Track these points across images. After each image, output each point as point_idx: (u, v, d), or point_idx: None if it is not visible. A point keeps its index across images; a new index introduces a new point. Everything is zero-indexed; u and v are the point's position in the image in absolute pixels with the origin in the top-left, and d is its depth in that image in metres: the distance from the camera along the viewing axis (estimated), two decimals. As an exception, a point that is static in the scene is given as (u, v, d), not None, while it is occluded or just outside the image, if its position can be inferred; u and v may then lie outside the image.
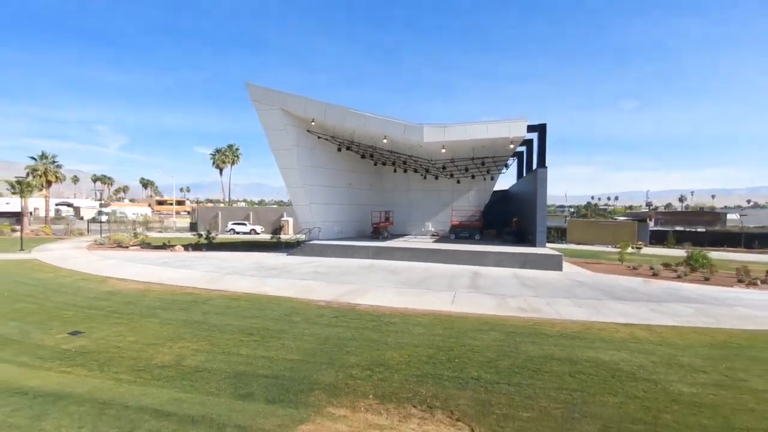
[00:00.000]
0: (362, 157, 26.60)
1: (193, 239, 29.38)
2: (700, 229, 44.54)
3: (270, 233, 37.37)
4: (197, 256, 21.21)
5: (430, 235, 28.62)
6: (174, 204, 73.67)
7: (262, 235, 39.15)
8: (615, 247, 22.81)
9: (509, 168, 28.58)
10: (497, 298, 11.80)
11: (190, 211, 61.89)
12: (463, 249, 19.89)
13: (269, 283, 13.77)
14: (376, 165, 28.21)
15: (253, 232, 40.68)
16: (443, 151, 21.80)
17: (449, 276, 15.65)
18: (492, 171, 27.78)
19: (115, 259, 19.55)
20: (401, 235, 28.81)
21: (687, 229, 43.86)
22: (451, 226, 27.60)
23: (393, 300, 11.34)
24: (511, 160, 26.80)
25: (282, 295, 11.80)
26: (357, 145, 24.14)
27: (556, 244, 32.50)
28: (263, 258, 20.89)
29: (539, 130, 20.82)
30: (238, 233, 40.42)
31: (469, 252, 19.38)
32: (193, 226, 44.65)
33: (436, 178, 29.07)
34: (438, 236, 28.11)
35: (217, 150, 66.23)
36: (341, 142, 23.37)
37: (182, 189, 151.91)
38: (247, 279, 14.45)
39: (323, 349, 7.12)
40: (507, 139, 19.73)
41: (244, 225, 41.70)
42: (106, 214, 57.47)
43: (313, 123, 21.17)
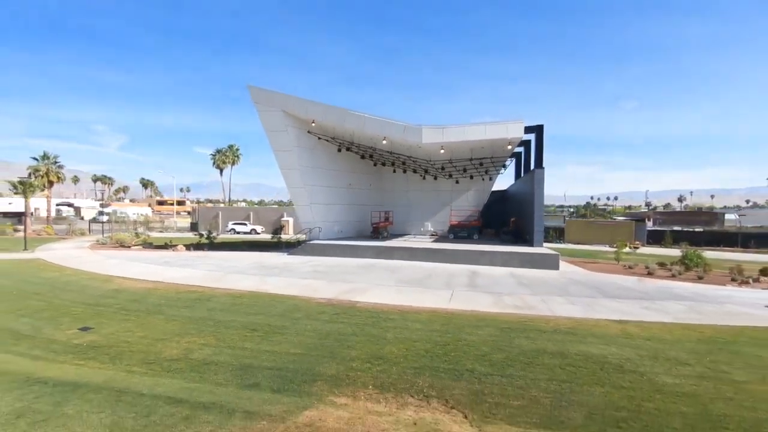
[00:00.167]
0: (362, 157, 26.90)
1: (194, 239, 29.64)
2: (697, 229, 44.86)
3: (270, 233, 37.65)
4: (199, 256, 21.50)
5: (429, 235, 28.90)
6: (174, 204, 73.92)
7: (262, 235, 39.43)
8: (612, 247, 23.10)
9: (507, 168, 28.88)
10: (494, 296, 12.09)
11: (191, 211, 62.14)
12: (461, 248, 20.18)
13: (271, 281, 14.06)
14: (375, 165, 28.52)
15: (253, 232, 40.96)
16: (442, 151, 22.09)
17: (447, 275, 15.95)
18: (490, 171, 28.08)
19: (118, 258, 19.85)
20: (401, 234, 29.09)
21: (684, 229, 44.19)
22: (449, 225, 27.89)
23: (392, 298, 11.63)
24: (509, 160, 27.08)
25: (284, 293, 12.10)
26: (357, 146, 24.44)
27: (555, 244, 32.78)
28: (264, 257, 21.19)
29: (536, 131, 21.09)
30: (239, 233, 40.70)
31: (467, 251, 19.67)
32: (194, 226, 44.94)
33: (435, 179, 29.36)
34: (437, 236, 28.38)
35: (218, 150, 66.56)
36: (341, 143, 23.66)
37: (182, 189, 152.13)
38: (250, 278, 14.75)
39: (324, 344, 7.42)
40: (505, 140, 20.03)
41: (245, 225, 41.99)
42: (106, 214, 57.74)
43: (314, 124, 21.47)
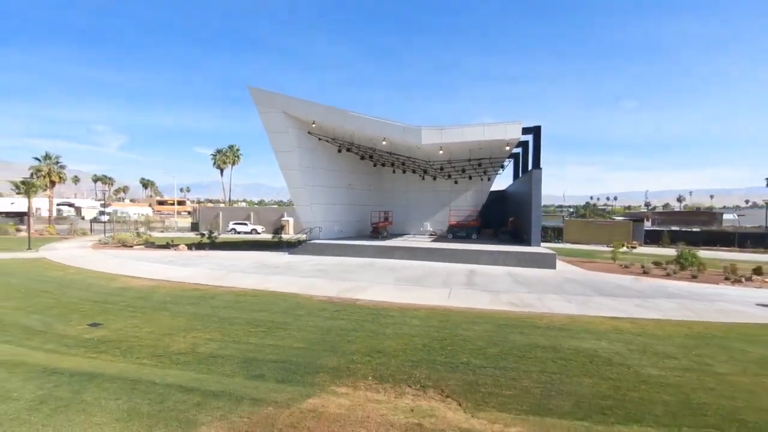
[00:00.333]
0: (362, 158, 27.18)
1: (195, 239, 29.91)
2: (695, 229, 45.14)
3: (271, 233, 37.97)
4: (201, 255, 21.78)
5: (428, 235, 29.19)
6: (175, 204, 74.18)
7: (263, 234, 39.71)
8: (610, 247, 23.41)
9: (505, 169, 29.17)
10: (491, 294, 12.37)
11: (191, 211, 62.42)
12: (459, 248, 20.46)
13: (273, 280, 14.35)
14: (375, 166, 28.81)
15: (254, 231, 41.24)
16: (441, 152, 22.36)
17: (446, 274, 16.23)
18: (489, 172, 28.37)
19: (121, 257, 20.11)
20: (400, 234, 29.37)
21: (682, 229, 44.50)
22: (448, 225, 28.18)
23: (392, 296, 11.92)
24: (507, 161, 27.36)
25: (285, 291, 12.38)
26: (357, 147, 24.71)
27: (553, 244, 33.08)
28: (266, 257, 21.46)
29: (534, 132, 21.38)
30: (240, 233, 40.97)
31: (465, 251, 19.95)
32: (195, 226, 45.23)
33: (434, 179, 29.65)
34: (436, 236, 28.66)
35: (218, 150, 66.79)
36: (341, 144, 23.93)
37: (182, 189, 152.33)
38: (252, 276, 15.03)
39: (326, 339, 7.70)
40: (503, 141, 20.28)
41: (245, 225, 42.26)
42: (107, 214, 58.03)
43: (314, 125, 21.73)
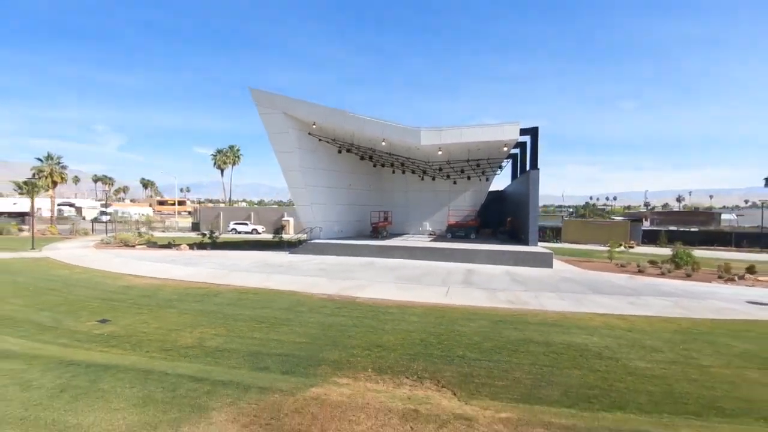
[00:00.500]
0: (362, 158, 27.48)
1: (196, 239, 30.20)
2: (693, 229, 45.51)
3: (271, 233, 38.28)
4: (203, 255, 22.08)
5: (427, 235, 29.50)
6: (176, 204, 74.48)
7: (263, 234, 40.01)
8: (608, 247, 23.71)
9: (504, 169, 29.48)
10: (488, 292, 12.67)
11: (192, 211, 62.71)
12: (458, 247, 20.76)
13: (274, 278, 14.64)
14: (375, 166, 29.12)
15: (254, 231, 41.54)
16: (440, 153, 22.66)
17: (445, 273, 16.53)
18: (487, 172, 28.68)
19: (124, 257, 20.40)
20: (400, 234, 29.68)
21: (680, 229, 44.85)
22: (447, 225, 28.48)
23: (391, 294, 12.21)
24: (505, 161, 27.67)
25: (287, 289, 12.67)
26: (357, 148, 25.01)
27: (552, 244, 33.39)
28: (267, 256, 21.76)
29: (531, 133, 21.69)
30: (240, 233, 41.27)
31: (464, 250, 20.25)
32: (195, 226, 45.53)
33: (434, 179, 29.96)
34: (435, 235, 28.97)
35: (219, 151, 67.07)
36: (341, 145, 24.23)
37: (182, 189, 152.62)
38: (254, 275, 15.33)
39: (327, 334, 7.99)
40: (500, 141, 20.58)
41: (246, 225, 42.56)
42: (108, 214, 58.34)
43: (315, 126, 22.03)
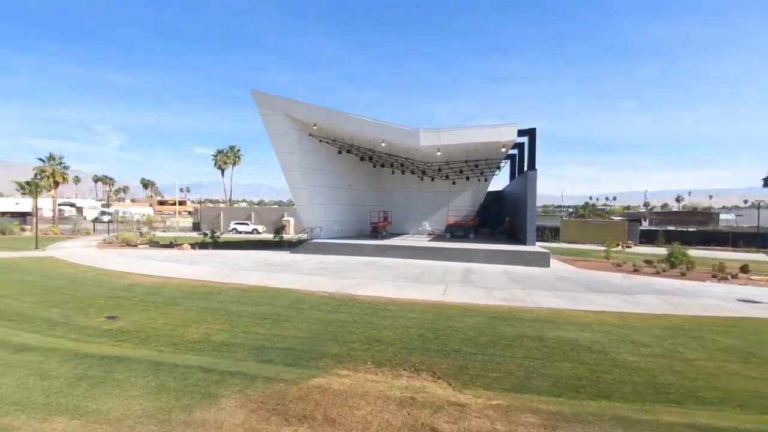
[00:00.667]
0: (362, 159, 27.78)
1: (198, 238, 30.48)
2: (690, 229, 45.86)
3: (272, 233, 38.56)
4: (205, 254, 22.36)
5: (426, 234, 29.79)
6: (176, 204, 74.76)
7: (263, 234, 40.31)
8: (605, 246, 24.02)
9: (502, 170, 29.78)
10: (485, 291, 12.96)
11: (192, 211, 63.00)
12: (457, 247, 21.05)
13: (276, 277, 14.93)
14: (375, 167, 29.42)
15: (255, 231, 41.84)
16: (438, 153, 22.96)
17: (443, 272, 16.82)
18: (485, 173, 28.97)
19: (128, 256, 20.68)
20: (399, 234, 29.98)
21: (678, 229, 45.23)
22: (446, 225, 28.76)
23: (390, 292, 12.51)
24: (503, 162, 27.98)
25: (288, 287, 12.96)
26: (357, 148, 25.31)
27: (550, 243, 33.69)
28: (268, 255, 22.05)
29: (529, 134, 21.97)
30: (241, 233, 41.58)
31: (462, 250, 20.54)
32: (196, 226, 45.83)
33: (433, 180, 30.25)
34: (434, 235, 29.26)
35: (219, 151, 67.37)
36: (342, 145, 24.53)
37: (182, 189, 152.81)
38: (256, 274, 15.61)
39: (328, 330, 8.28)
40: (499, 142, 20.88)
41: (247, 225, 42.87)
42: (109, 214, 58.61)
43: (315, 127, 22.32)
